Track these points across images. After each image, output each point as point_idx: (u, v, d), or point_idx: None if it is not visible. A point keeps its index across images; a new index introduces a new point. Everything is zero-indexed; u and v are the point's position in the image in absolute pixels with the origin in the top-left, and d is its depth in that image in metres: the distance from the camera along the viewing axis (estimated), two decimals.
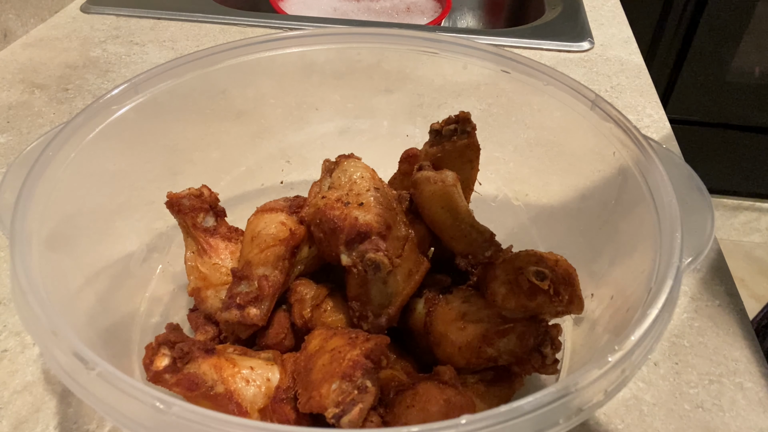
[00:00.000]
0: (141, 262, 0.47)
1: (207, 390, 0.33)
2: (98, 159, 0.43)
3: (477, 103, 0.52)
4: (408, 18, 1.07)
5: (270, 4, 1.01)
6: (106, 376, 0.26)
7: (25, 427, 0.41)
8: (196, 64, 0.47)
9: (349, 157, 0.46)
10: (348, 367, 0.32)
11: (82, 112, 0.41)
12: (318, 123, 0.57)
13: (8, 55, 0.82)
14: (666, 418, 0.43)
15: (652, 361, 0.46)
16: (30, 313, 0.29)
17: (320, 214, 0.39)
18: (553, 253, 0.40)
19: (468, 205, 0.44)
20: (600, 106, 0.43)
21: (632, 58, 0.85)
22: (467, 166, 0.46)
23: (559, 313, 0.38)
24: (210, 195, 0.45)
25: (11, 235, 0.33)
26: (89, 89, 0.75)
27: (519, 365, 0.37)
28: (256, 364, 0.36)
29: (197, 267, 0.44)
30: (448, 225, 0.41)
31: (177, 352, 0.34)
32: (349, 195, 0.40)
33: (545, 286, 0.36)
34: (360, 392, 0.31)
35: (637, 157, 0.40)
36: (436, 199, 0.42)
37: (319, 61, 0.53)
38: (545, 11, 0.95)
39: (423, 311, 0.41)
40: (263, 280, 0.40)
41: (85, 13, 0.92)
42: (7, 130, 0.68)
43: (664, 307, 0.30)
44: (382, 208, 0.39)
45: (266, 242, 0.41)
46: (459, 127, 0.45)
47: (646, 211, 0.38)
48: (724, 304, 0.51)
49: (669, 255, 0.33)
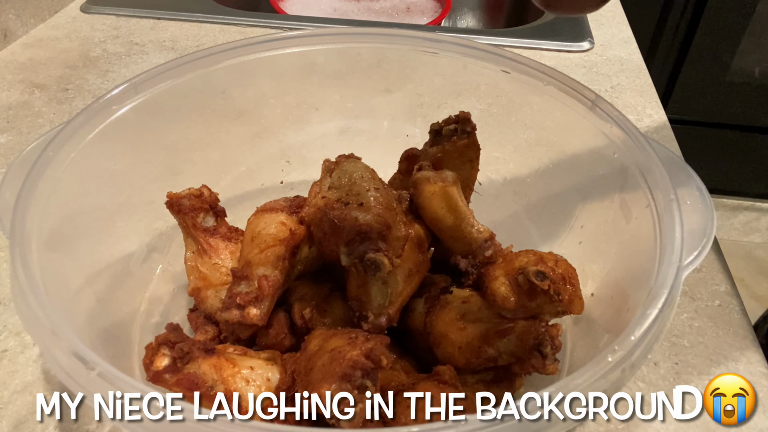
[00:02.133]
0: (141, 262, 0.47)
1: (207, 390, 0.33)
2: (98, 159, 0.43)
3: (477, 103, 0.52)
4: (408, 18, 1.07)
5: (270, 4, 1.01)
6: (106, 376, 0.27)
7: (25, 427, 0.41)
8: (196, 64, 0.47)
9: (349, 157, 0.46)
10: (348, 367, 0.32)
11: (82, 112, 0.41)
12: (318, 123, 0.57)
13: (8, 55, 0.82)
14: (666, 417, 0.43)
15: (652, 361, 0.46)
16: (30, 313, 0.29)
17: (320, 214, 0.39)
18: (553, 253, 0.40)
19: (468, 205, 0.44)
20: (600, 106, 0.43)
21: (632, 58, 0.85)
22: (467, 166, 0.46)
23: (559, 313, 0.38)
24: (210, 195, 0.45)
25: (11, 235, 0.33)
26: (89, 89, 0.75)
27: (519, 365, 0.37)
28: (256, 364, 0.36)
29: (197, 267, 0.44)
30: (448, 225, 0.41)
31: (177, 352, 0.34)
32: (349, 195, 0.40)
33: (545, 286, 0.36)
34: (360, 392, 0.31)
35: (637, 157, 0.40)
36: (436, 199, 0.42)
37: (319, 61, 0.53)
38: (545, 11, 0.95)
39: (423, 311, 0.41)
40: (263, 280, 0.40)
41: (85, 13, 0.92)
42: (7, 130, 0.68)
43: (664, 307, 0.30)
44: (382, 208, 0.39)
45: (266, 242, 0.41)
46: (459, 127, 0.45)
47: (646, 212, 0.38)
48: (724, 304, 0.51)
49: (669, 255, 0.33)
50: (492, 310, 0.39)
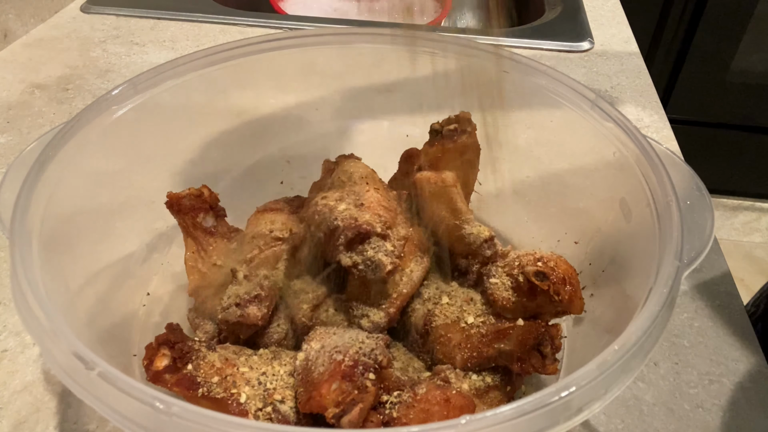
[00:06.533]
0: (141, 262, 0.47)
1: (207, 390, 0.33)
2: (98, 159, 0.43)
3: (477, 103, 0.52)
4: (408, 18, 1.07)
5: (270, 4, 1.01)
6: (106, 376, 0.26)
7: (25, 427, 0.41)
8: (196, 64, 0.47)
9: (349, 157, 0.46)
10: (348, 367, 0.32)
11: (82, 112, 0.41)
12: (318, 123, 0.57)
13: (8, 55, 0.82)
14: (666, 418, 0.43)
15: (652, 361, 0.46)
16: (30, 313, 0.29)
17: (320, 214, 0.39)
18: (553, 253, 0.40)
19: (468, 205, 0.44)
20: (600, 106, 0.43)
21: (632, 59, 0.85)
22: (467, 166, 0.46)
23: (559, 313, 0.38)
24: (210, 195, 0.45)
25: (11, 235, 0.33)
26: (89, 89, 0.75)
27: (519, 365, 0.37)
28: (256, 364, 0.36)
29: (197, 267, 0.44)
30: (448, 225, 0.41)
31: (177, 352, 0.34)
32: (349, 195, 0.40)
33: (545, 286, 0.36)
34: (360, 392, 0.31)
35: (637, 157, 0.40)
36: (436, 199, 0.42)
37: (319, 61, 0.53)
38: (545, 11, 0.95)
39: (423, 311, 0.41)
40: (263, 280, 0.40)
41: (85, 13, 0.92)
42: (7, 130, 0.68)
43: (664, 307, 0.30)
44: (382, 208, 0.39)
45: (266, 242, 0.41)
46: (459, 127, 0.45)
47: (646, 211, 0.38)
48: (724, 304, 0.51)
49: (669, 255, 0.33)
50: (492, 310, 0.39)
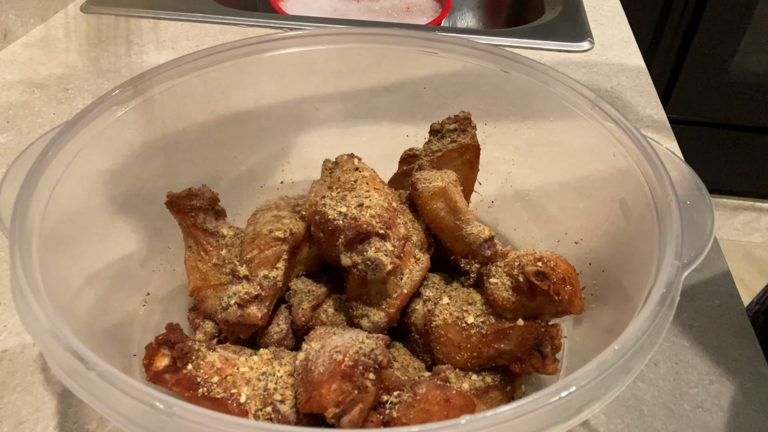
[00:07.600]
0: (141, 262, 0.47)
1: (207, 390, 0.33)
2: (98, 159, 0.43)
3: (477, 103, 0.52)
4: (408, 18, 1.07)
5: (270, 4, 1.01)
6: (106, 376, 0.26)
7: (25, 427, 0.41)
8: (196, 64, 0.47)
9: (349, 157, 0.46)
10: (348, 367, 0.32)
11: (82, 112, 0.41)
12: (318, 123, 0.57)
13: (8, 55, 0.82)
14: (666, 418, 0.43)
15: (652, 361, 0.46)
16: (30, 313, 0.29)
17: (320, 214, 0.39)
18: (553, 253, 0.40)
19: (468, 206, 0.44)
20: (600, 106, 0.43)
21: (632, 58, 0.85)
22: (467, 166, 0.46)
23: (559, 313, 0.38)
24: (210, 195, 0.45)
25: (11, 235, 0.33)
26: (89, 89, 0.75)
27: (519, 365, 0.37)
28: (256, 364, 0.36)
29: (197, 267, 0.44)
30: (448, 225, 0.41)
31: (177, 352, 0.34)
32: (349, 195, 0.40)
33: (545, 286, 0.36)
34: (360, 392, 0.31)
35: (637, 157, 0.40)
36: (436, 199, 0.42)
37: (319, 61, 0.53)
38: (545, 11, 0.95)
39: (423, 311, 0.41)
40: (263, 280, 0.40)
41: (85, 13, 0.92)
42: (7, 130, 0.68)
43: (664, 307, 0.30)
44: (382, 208, 0.39)
45: (266, 242, 0.41)
46: (459, 127, 0.45)
47: (646, 211, 0.38)
48: (724, 304, 0.51)
49: (669, 255, 0.33)
50: (492, 310, 0.39)
